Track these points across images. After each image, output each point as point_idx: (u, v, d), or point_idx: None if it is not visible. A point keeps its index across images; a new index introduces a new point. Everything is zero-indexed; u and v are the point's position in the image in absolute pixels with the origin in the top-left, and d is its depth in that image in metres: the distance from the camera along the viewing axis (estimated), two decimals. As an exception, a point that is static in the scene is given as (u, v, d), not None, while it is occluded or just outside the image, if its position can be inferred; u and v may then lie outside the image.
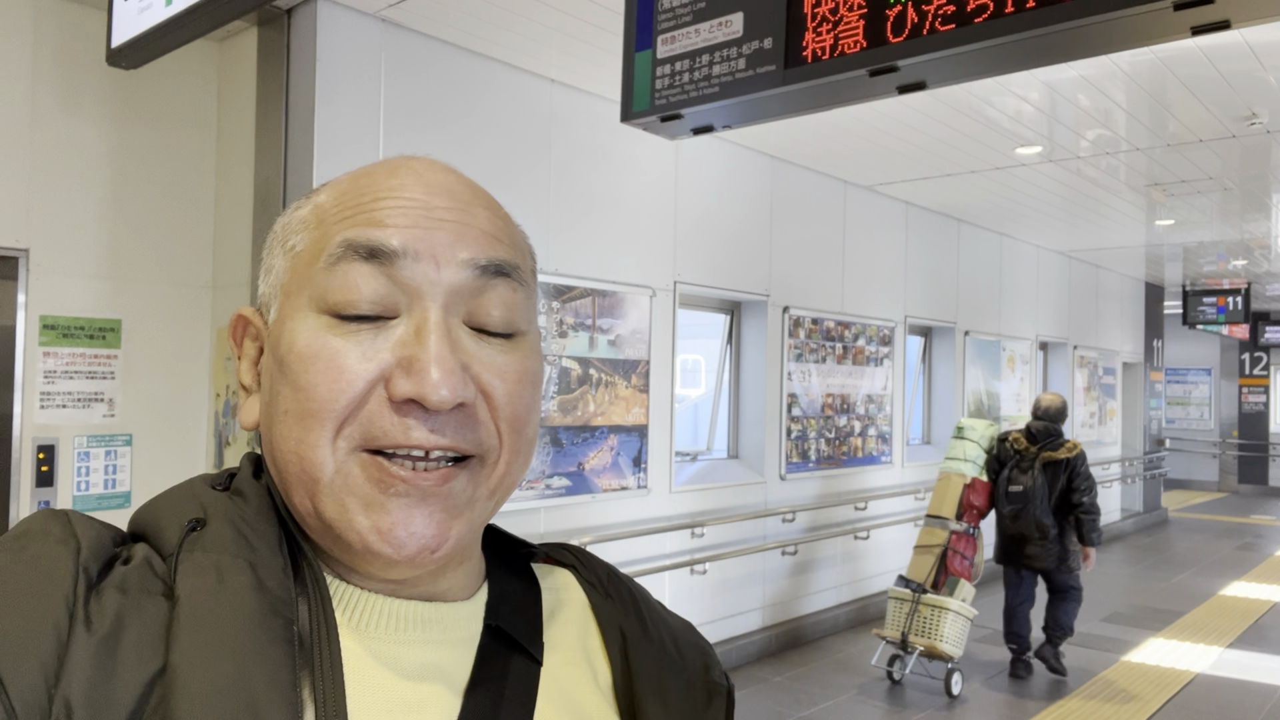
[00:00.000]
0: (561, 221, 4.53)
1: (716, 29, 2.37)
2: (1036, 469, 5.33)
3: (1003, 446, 5.53)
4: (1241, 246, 8.96)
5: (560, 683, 0.66)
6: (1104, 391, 10.76)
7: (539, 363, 0.64)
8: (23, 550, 0.53)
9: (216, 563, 0.55)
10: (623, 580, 0.76)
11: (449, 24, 3.85)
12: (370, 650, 0.59)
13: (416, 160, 0.63)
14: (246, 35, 3.96)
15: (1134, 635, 6.47)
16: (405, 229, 0.58)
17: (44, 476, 3.62)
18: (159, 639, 0.52)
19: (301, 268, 0.60)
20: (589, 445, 4.61)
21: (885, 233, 6.94)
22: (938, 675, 5.25)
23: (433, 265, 0.58)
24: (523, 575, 0.71)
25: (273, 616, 0.54)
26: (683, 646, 0.74)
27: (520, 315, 0.62)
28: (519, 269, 0.62)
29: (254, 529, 0.58)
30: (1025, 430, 5.51)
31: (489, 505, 0.62)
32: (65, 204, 3.68)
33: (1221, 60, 4.17)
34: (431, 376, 0.55)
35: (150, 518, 0.60)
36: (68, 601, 0.51)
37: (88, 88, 3.73)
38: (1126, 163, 5.94)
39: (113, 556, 0.56)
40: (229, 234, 4.01)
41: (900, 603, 5.15)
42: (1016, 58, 1.93)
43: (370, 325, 0.57)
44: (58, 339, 3.65)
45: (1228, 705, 5.07)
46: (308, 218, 0.62)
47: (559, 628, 0.69)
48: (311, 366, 0.57)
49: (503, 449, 0.60)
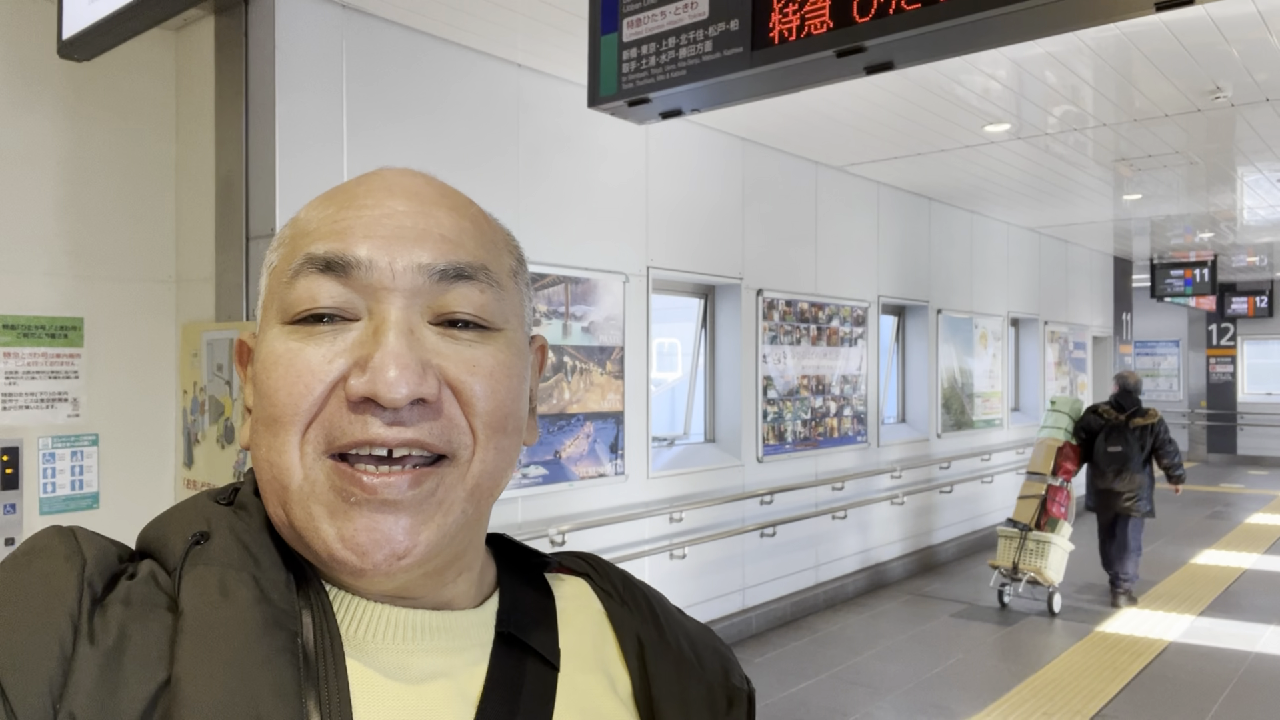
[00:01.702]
0: (531, 208, 4.49)
1: (682, 11, 2.34)
2: (1129, 433, 6.51)
3: (1093, 417, 6.69)
4: (1208, 219, 9.06)
5: (578, 689, 0.65)
6: (1075, 365, 10.88)
7: (520, 359, 0.62)
8: (28, 566, 0.54)
9: (220, 576, 0.55)
10: (639, 587, 0.75)
11: (412, 9, 3.79)
12: (377, 661, 0.58)
13: (389, 169, 0.64)
14: (204, 24, 3.87)
15: (1108, 607, 6.57)
16: (363, 238, 0.58)
17: (9, 479, 3.55)
18: (163, 652, 0.52)
19: (274, 284, 0.61)
20: (565, 433, 4.59)
21: (857, 213, 6.95)
22: (1040, 598, 6.52)
23: (389, 274, 0.57)
24: (535, 585, 0.70)
25: (276, 629, 0.54)
26: (701, 652, 0.73)
27: (491, 313, 0.60)
28: (487, 269, 0.61)
29: (257, 542, 0.58)
30: (1113, 402, 6.67)
31: (468, 508, 0.59)
32: (21, 201, 3.59)
33: (1185, 34, 4.19)
34: (387, 373, 0.54)
35: (156, 533, 0.60)
36: (72, 616, 0.51)
37: (41, 81, 3.63)
38: (1094, 138, 5.98)
39: (118, 571, 0.56)
40: (191, 227, 3.93)
41: (1009, 540, 6.36)
42: (984, 36, 1.92)
43: (330, 328, 0.57)
44: (18, 339, 3.57)
45: (1200, 672, 5.16)
46: (284, 235, 0.63)
47: (574, 636, 0.68)
48: (273, 372, 0.57)
49: (477, 446, 0.59)
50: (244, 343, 0.65)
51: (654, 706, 0.67)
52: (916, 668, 5.24)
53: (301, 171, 3.58)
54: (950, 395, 8.16)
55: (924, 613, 6.38)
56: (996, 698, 4.77)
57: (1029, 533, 6.28)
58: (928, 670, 5.19)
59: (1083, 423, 6.70)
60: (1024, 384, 10.05)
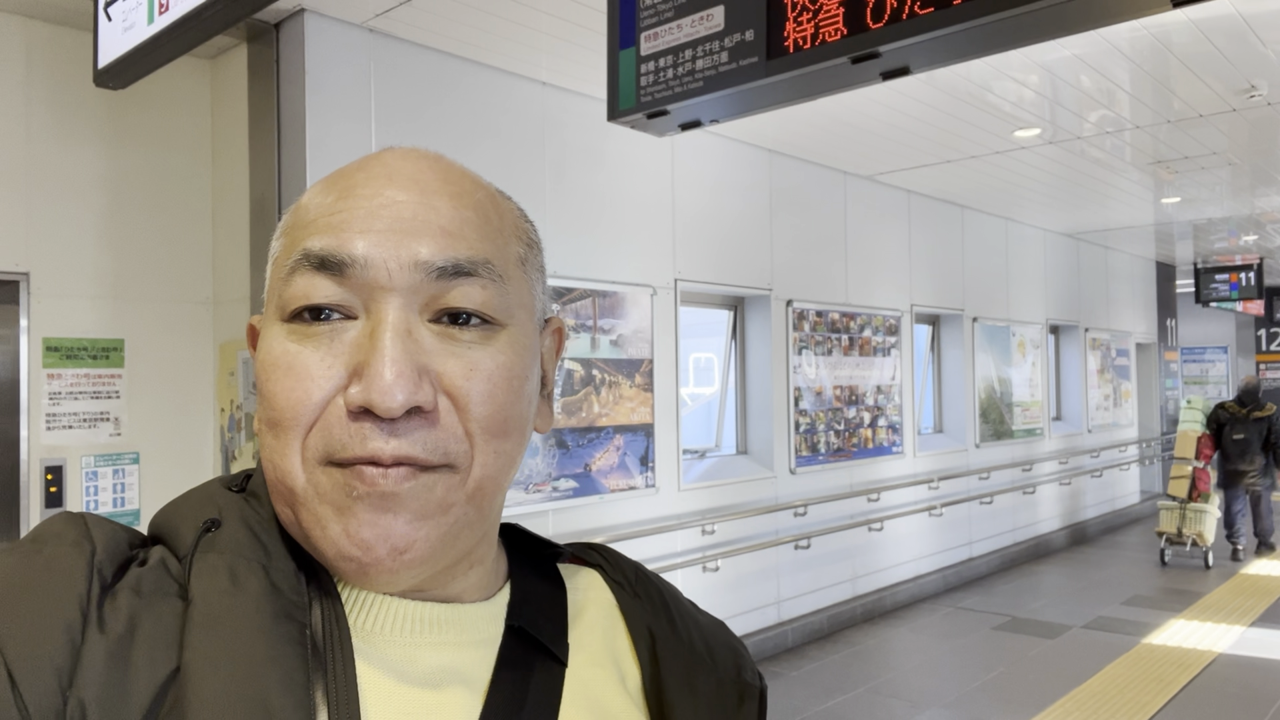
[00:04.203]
0: (559, 223, 4.53)
1: (698, 23, 2.36)
2: (1250, 424, 8.32)
3: (1221, 411, 8.47)
4: (1252, 221, 8.86)
5: (586, 684, 0.64)
6: (1118, 373, 10.67)
7: (523, 356, 0.60)
8: (38, 553, 0.53)
9: (230, 564, 0.55)
10: (651, 579, 0.74)
11: (437, 31, 3.85)
12: (385, 653, 0.58)
13: (392, 150, 0.61)
14: (237, 52, 3.97)
15: (1154, 617, 6.42)
16: (359, 234, 0.56)
17: (53, 498, 3.64)
18: (173, 640, 0.51)
19: (275, 275, 0.60)
20: (595, 446, 4.60)
21: (888, 222, 6.90)
22: (1195, 557, 8.37)
23: (385, 273, 0.56)
24: (548, 576, 0.70)
25: (285, 619, 0.53)
26: (714, 646, 0.72)
27: (493, 309, 0.58)
28: (489, 264, 0.58)
29: (267, 531, 0.58)
30: (1237, 399, 8.46)
31: (469, 510, 0.58)
32: (64, 226, 3.70)
33: (1217, 34, 4.12)
34: (383, 381, 0.53)
35: (167, 519, 0.60)
36: (81, 603, 0.51)
37: (82, 110, 3.75)
38: (1130, 142, 5.89)
39: (129, 558, 0.56)
40: (227, 249, 4.03)
41: (1170, 511, 8.08)
42: (999, 38, 1.91)
43: (327, 326, 0.56)
44: (61, 360, 3.67)
45: (1250, 685, 5.01)
46: (285, 224, 0.62)
47: (585, 628, 0.68)
48: (273, 374, 0.56)
49: (474, 452, 0.57)
50: (254, 326, 0.65)
51: (664, 699, 0.67)
52: (957, 681, 5.15)
53: (332, 192, 3.64)
54: (988, 405, 8.05)
55: (964, 626, 6.28)
56: (1039, 711, 4.67)
57: (1186, 504, 7.94)
58: (969, 684, 5.10)
59: (1213, 416, 8.45)
60: (1065, 393, 9.87)
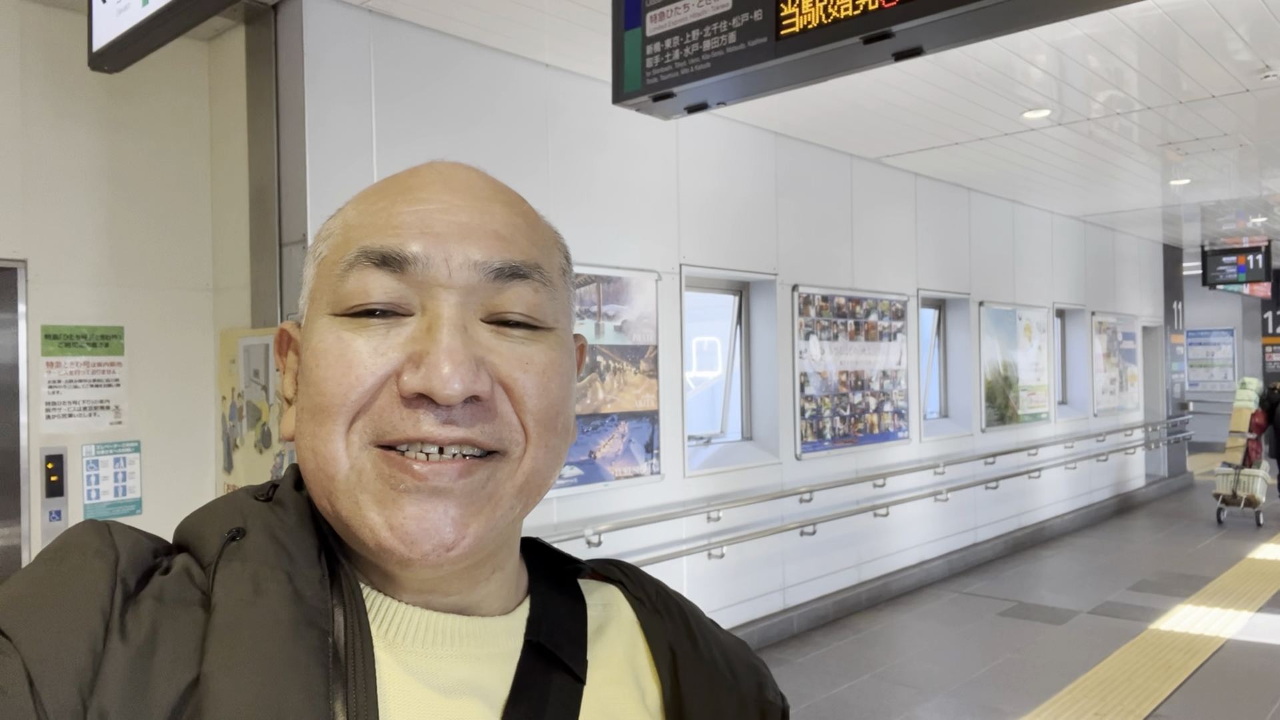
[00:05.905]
0: (562, 208, 4.48)
1: (705, 3, 2.30)
2: None
3: (1272, 391, 9.66)
4: (1260, 204, 8.78)
5: (604, 702, 0.64)
6: (1124, 357, 10.62)
7: (569, 359, 0.62)
8: (61, 562, 0.53)
9: (254, 573, 0.55)
10: (673, 597, 0.75)
11: (437, 12, 3.79)
12: (405, 664, 0.58)
13: (441, 162, 0.64)
14: (234, 34, 3.91)
15: (1162, 603, 6.39)
16: (418, 234, 0.58)
17: (54, 486, 3.62)
18: (194, 650, 0.52)
19: (325, 274, 0.61)
20: (599, 433, 4.57)
21: (894, 205, 6.84)
22: (1248, 517, 9.42)
23: (444, 270, 0.57)
24: (568, 591, 0.70)
25: (308, 628, 0.54)
26: (735, 665, 0.72)
27: (543, 312, 0.60)
28: (540, 269, 0.61)
29: (293, 539, 0.58)
30: None
31: (516, 504, 0.59)
32: (61, 213, 3.66)
33: (1230, 12, 4.05)
34: (441, 370, 0.54)
35: (192, 527, 0.60)
36: (104, 612, 0.51)
37: (78, 94, 3.70)
38: (1139, 123, 5.81)
39: (152, 567, 0.56)
40: (227, 235, 3.98)
41: (1226, 476, 9.19)
42: (1017, 16, 1.85)
43: (383, 321, 0.57)
44: (60, 348, 3.64)
45: (1258, 671, 4.99)
46: (334, 228, 0.63)
47: (605, 645, 0.68)
48: (323, 361, 0.57)
49: (529, 443, 0.59)
50: (285, 331, 0.65)
51: (685, 717, 0.67)
52: (964, 667, 5.13)
53: (332, 178, 3.60)
54: (994, 389, 8.01)
55: (970, 611, 6.26)
56: (1047, 697, 4.65)
57: (1241, 470, 9.11)
58: (975, 670, 5.09)
59: (1266, 396, 9.63)
60: (1071, 376, 9.83)
